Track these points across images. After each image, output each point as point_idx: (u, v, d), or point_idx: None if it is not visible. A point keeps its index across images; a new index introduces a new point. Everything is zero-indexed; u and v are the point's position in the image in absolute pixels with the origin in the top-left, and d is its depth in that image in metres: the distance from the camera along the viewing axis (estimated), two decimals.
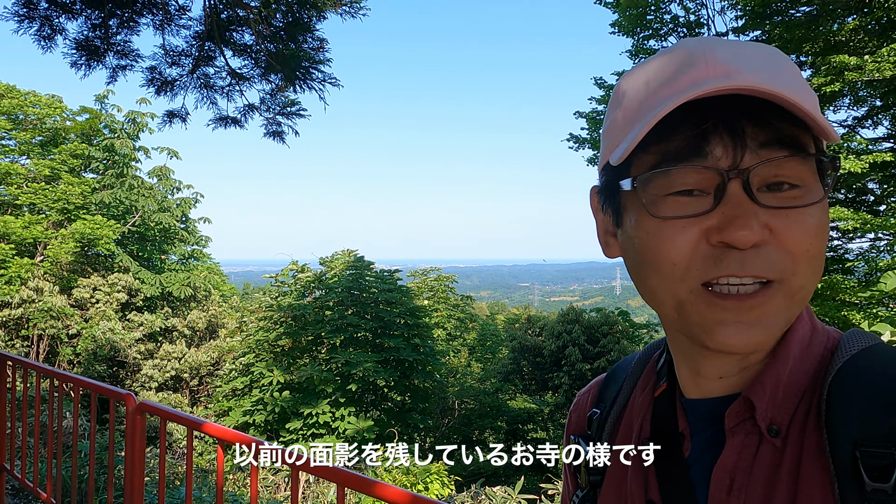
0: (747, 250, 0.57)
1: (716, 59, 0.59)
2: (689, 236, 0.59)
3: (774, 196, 0.58)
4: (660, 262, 0.61)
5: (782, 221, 0.57)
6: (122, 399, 2.94)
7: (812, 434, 0.59)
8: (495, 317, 31.17)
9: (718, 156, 0.58)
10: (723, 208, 0.58)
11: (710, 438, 0.66)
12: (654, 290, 0.63)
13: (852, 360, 0.61)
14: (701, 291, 0.59)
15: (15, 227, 16.69)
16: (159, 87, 6.53)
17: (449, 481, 8.21)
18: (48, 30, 5.75)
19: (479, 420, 17.84)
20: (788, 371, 0.63)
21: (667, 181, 0.60)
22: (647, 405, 0.74)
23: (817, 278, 0.60)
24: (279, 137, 7.06)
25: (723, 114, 0.57)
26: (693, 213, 0.59)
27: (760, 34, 11.35)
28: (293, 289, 15.24)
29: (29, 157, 19.04)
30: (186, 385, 17.72)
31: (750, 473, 0.61)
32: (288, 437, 13.10)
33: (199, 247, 22.66)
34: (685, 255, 0.59)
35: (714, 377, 0.66)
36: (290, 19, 6.21)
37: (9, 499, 4.70)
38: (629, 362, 0.84)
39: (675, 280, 0.60)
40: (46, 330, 16.38)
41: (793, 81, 0.59)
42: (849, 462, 0.55)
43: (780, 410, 0.61)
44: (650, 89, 0.61)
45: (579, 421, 0.85)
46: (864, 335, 0.64)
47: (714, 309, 0.59)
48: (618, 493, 0.73)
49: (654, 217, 0.60)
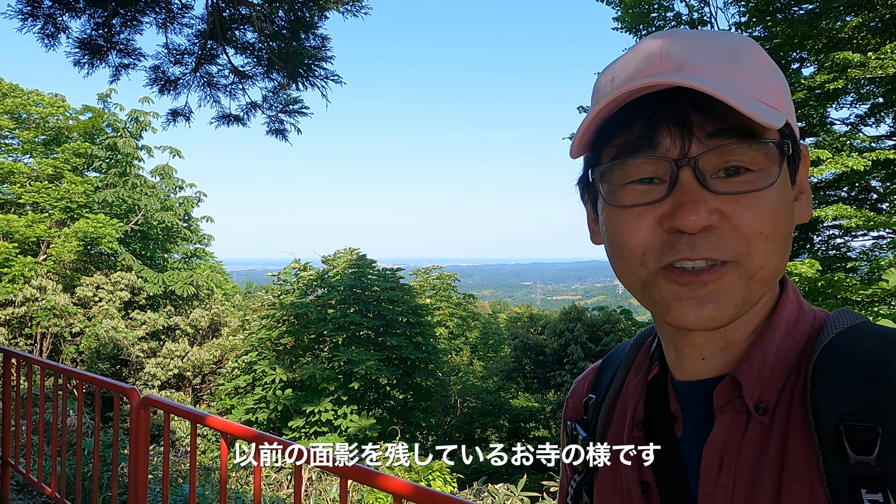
0: (697, 234, 0.60)
1: (670, 54, 0.62)
2: (645, 223, 0.62)
3: (727, 182, 0.61)
4: (621, 247, 0.64)
5: (734, 206, 0.60)
6: (125, 394, 2.95)
7: (798, 410, 0.61)
8: (497, 315, 31.18)
9: (667, 146, 0.61)
10: (674, 195, 0.61)
11: (701, 419, 0.67)
12: (622, 273, 0.66)
13: (838, 338, 0.62)
14: (661, 272, 0.62)
15: (18, 226, 16.73)
16: (163, 86, 6.54)
17: (451, 479, 8.21)
18: (51, 28, 5.76)
19: (482, 418, 17.85)
20: (775, 350, 0.64)
21: (624, 171, 0.63)
22: (640, 388, 0.76)
23: (779, 259, 0.62)
24: (282, 135, 7.07)
25: (671, 106, 0.60)
26: (648, 201, 0.62)
27: (763, 31, 11.33)
28: (295, 287, 15.26)
29: (32, 155, 19.07)
30: (189, 383, 17.75)
31: (739, 451, 0.63)
32: (290, 434, 13.13)
33: (202, 245, 22.69)
34: (642, 240, 0.63)
35: (696, 358, 0.68)
36: (292, 17, 6.22)
37: (13, 494, 4.72)
38: (623, 348, 0.86)
39: (636, 264, 0.64)
40: (50, 328, 16.42)
41: (749, 71, 0.62)
42: (833, 436, 0.56)
43: (766, 389, 0.63)
44: (614, 85, 0.65)
45: (576, 406, 0.87)
46: (850, 314, 0.66)
47: (671, 285, 0.62)
48: (614, 476, 0.75)
49: (613, 206, 0.64)
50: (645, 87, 0.59)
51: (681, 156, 0.60)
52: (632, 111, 0.62)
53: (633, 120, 0.62)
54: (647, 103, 0.61)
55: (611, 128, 0.64)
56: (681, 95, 0.59)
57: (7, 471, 4.26)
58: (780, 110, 0.62)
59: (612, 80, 0.66)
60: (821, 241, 13.74)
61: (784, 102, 0.64)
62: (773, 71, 0.65)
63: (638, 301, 0.68)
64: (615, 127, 0.63)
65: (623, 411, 0.78)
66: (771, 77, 0.64)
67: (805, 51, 10.99)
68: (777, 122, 0.59)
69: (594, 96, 0.69)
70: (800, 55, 11.49)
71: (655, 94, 0.60)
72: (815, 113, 11.55)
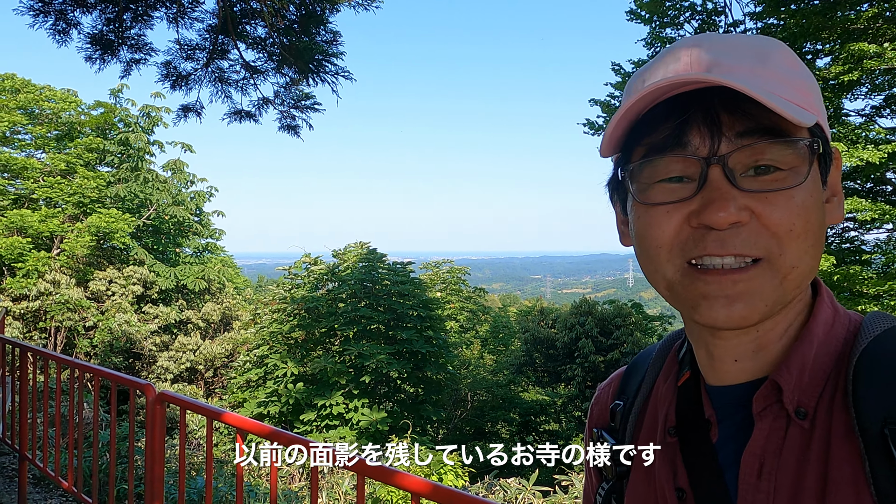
0: (726, 230, 0.60)
1: (700, 56, 0.63)
2: (673, 220, 0.63)
3: (757, 180, 0.61)
4: (648, 245, 0.65)
5: (764, 203, 0.60)
6: (141, 389, 2.97)
7: (840, 415, 0.60)
8: (507, 309, 31.16)
9: (697, 145, 0.62)
10: (703, 193, 0.61)
11: (738, 424, 0.67)
12: (650, 273, 0.67)
13: (876, 341, 0.62)
14: (687, 269, 0.63)
15: (32, 221, 16.87)
16: (174, 82, 6.55)
17: (463, 472, 8.24)
18: (63, 24, 5.78)
19: (492, 412, 17.87)
20: (814, 354, 0.64)
21: (654, 170, 0.64)
22: (671, 394, 0.75)
23: (813, 258, 0.62)
24: (294, 131, 7.07)
25: (700, 105, 0.61)
26: (677, 199, 0.63)
27: (777, 21, 11.21)
28: (306, 281, 15.31)
29: (45, 151, 19.21)
30: (201, 377, 17.88)
31: (779, 456, 0.62)
32: (302, 428, 13.20)
33: (213, 240, 22.80)
34: (669, 237, 0.63)
35: (728, 360, 0.67)
36: (303, 12, 6.20)
37: (30, 488, 4.77)
38: (650, 353, 0.85)
39: (663, 262, 0.64)
40: (64, 322, 16.58)
41: (778, 71, 0.62)
42: (878, 440, 0.56)
43: (806, 393, 0.63)
44: (645, 85, 0.65)
45: (601, 414, 0.86)
46: (885, 317, 0.66)
47: (698, 283, 0.62)
48: (646, 483, 0.74)
49: (642, 204, 0.65)
50: (674, 83, 0.60)
51: (710, 154, 0.61)
52: (662, 111, 0.63)
53: (664, 119, 0.63)
54: (678, 103, 0.62)
55: (641, 127, 0.64)
56: (711, 95, 0.60)
57: (24, 464, 4.30)
58: (809, 110, 0.61)
59: (643, 81, 0.66)
60: (834, 234, 13.63)
61: (814, 102, 0.64)
62: (802, 72, 0.65)
63: (667, 302, 0.68)
64: (646, 126, 0.64)
65: (653, 418, 0.77)
66: (800, 77, 0.64)
67: (820, 41, 10.86)
68: (807, 120, 0.59)
69: (625, 97, 0.69)
70: (814, 46, 11.36)
71: (686, 94, 0.61)
72: (829, 105, 11.43)
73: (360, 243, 15.82)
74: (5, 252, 16.25)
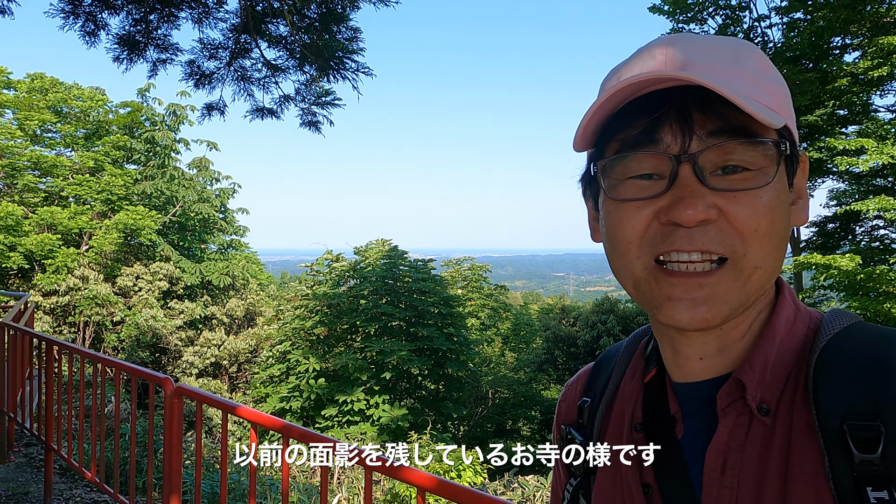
0: (694, 228, 0.61)
1: (675, 53, 0.63)
2: (642, 216, 0.64)
3: (725, 179, 0.62)
4: (617, 240, 0.66)
5: (731, 202, 0.61)
6: (160, 383, 3.03)
7: (800, 411, 0.61)
8: (529, 306, 31.08)
9: (668, 143, 0.62)
10: (673, 190, 0.62)
11: (702, 420, 0.68)
12: (617, 269, 0.68)
13: (835, 339, 0.63)
14: (654, 268, 0.64)
15: (61, 218, 17.24)
16: (198, 81, 6.65)
17: (482, 469, 8.25)
18: (91, 25, 5.90)
19: (513, 409, 17.86)
20: (775, 352, 0.65)
21: (625, 166, 0.65)
22: (637, 391, 0.76)
23: (776, 260, 0.63)
24: (315, 127, 7.13)
25: (673, 103, 0.62)
26: (647, 195, 0.63)
27: (803, 16, 11.01)
28: (328, 278, 15.43)
29: (73, 149, 19.60)
30: (226, 371, 18.13)
31: (742, 452, 0.63)
32: (324, 423, 13.32)
33: (238, 236, 23.08)
34: (638, 233, 0.64)
35: (694, 357, 0.69)
36: (324, 9, 6.25)
37: (56, 478, 4.89)
38: (616, 350, 0.86)
39: (632, 258, 0.65)
40: (92, 317, 16.93)
41: (751, 73, 0.63)
42: (837, 435, 0.57)
43: (768, 390, 0.64)
44: (619, 81, 0.65)
45: (569, 410, 0.87)
46: (844, 314, 0.67)
47: (663, 284, 0.63)
48: (613, 479, 0.75)
49: (613, 199, 0.66)
50: (649, 79, 0.60)
51: (681, 152, 0.62)
52: (635, 108, 0.64)
53: (637, 116, 0.64)
54: (651, 100, 0.63)
55: (615, 123, 0.65)
56: (684, 94, 0.61)
57: (50, 455, 4.41)
58: (780, 113, 0.62)
59: (618, 78, 0.67)
60: (863, 232, 13.36)
61: (784, 106, 0.65)
62: (774, 75, 0.66)
63: (632, 298, 0.69)
64: (619, 122, 0.65)
65: (620, 414, 0.78)
66: (772, 81, 0.65)
67: (848, 35, 10.65)
68: (776, 122, 0.60)
69: (600, 92, 0.70)
70: (843, 41, 11.14)
71: (659, 92, 0.62)
72: (857, 100, 11.20)
73: (381, 240, 15.90)
74: (36, 248, 16.63)
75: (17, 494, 4.62)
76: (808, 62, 12.00)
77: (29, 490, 4.71)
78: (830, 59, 11.29)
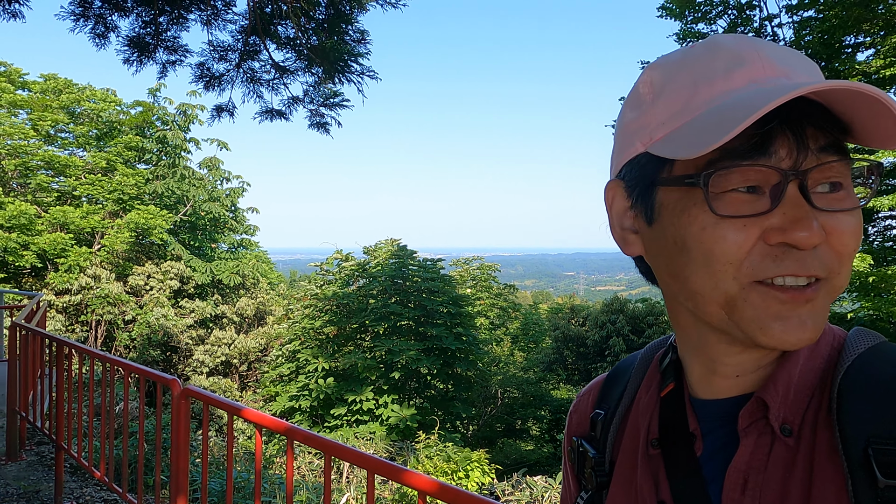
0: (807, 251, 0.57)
1: (769, 58, 0.60)
2: (748, 235, 0.59)
3: (824, 197, 0.59)
4: (713, 258, 0.60)
5: (834, 223, 0.58)
6: (167, 384, 3.07)
7: (824, 433, 0.60)
8: (538, 306, 31.03)
9: (782, 156, 0.58)
10: (783, 209, 0.58)
11: (722, 438, 0.66)
12: (700, 287, 0.62)
13: (860, 359, 0.61)
14: (755, 287, 0.59)
15: (74, 217, 17.39)
16: (207, 82, 6.69)
17: (490, 469, 8.26)
18: (102, 28, 5.95)
19: (522, 409, 17.84)
20: (799, 370, 0.63)
21: (727, 178, 0.59)
22: (653, 405, 0.74)
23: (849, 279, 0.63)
24: (323, 129, 7.15)
25: (787, 115, 0.57)
26: (753, 212, 0.59)
27: (815, 14, 10.93)
28: (338, 277, 15.48)
29: (85, 149, 19.77)
30: (236, 370, 18.22)
31: (764, 472, 0.61)
32: (333, 422, 13.37)
33: (248, 235, 23.20)
34: (742, 253, 0.59)
35: (731, 375, 0.66)
36: (332, 12, 6.28)
37: (66, 476, 4.95)
38: (631, 362, 0.83)
39: (728, 277, 0.59)
40: (104, 316, 17.07)
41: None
42: (861, 459, 0.55)
43: (791, 410, 0.62)
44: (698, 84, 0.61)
45: (581, 422, 0.84)
46: (869, 334, 0.65)
47: (771, 303, 0.59)
48: (626, 494, 0.73)
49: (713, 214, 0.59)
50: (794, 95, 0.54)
51: (794, 167, 0.58)
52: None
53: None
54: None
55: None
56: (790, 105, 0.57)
57: (60, 454, 4.46)
58: None
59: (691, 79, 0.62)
60: (876, 231, 13.24)
61: None
62: None
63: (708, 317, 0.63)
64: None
65: (635, 428, 0.76)
66: None
67: (860, 34, 10.55)
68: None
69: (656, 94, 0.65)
70: (855, 39, 11.04)
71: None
72: None
73: (390, 240, 15.92)
74: (49, 247, 16.79)
75: (28, 492, 4.68)
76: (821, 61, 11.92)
77: (40, 488, 4.77)
78: (843, 57, 11.20)
